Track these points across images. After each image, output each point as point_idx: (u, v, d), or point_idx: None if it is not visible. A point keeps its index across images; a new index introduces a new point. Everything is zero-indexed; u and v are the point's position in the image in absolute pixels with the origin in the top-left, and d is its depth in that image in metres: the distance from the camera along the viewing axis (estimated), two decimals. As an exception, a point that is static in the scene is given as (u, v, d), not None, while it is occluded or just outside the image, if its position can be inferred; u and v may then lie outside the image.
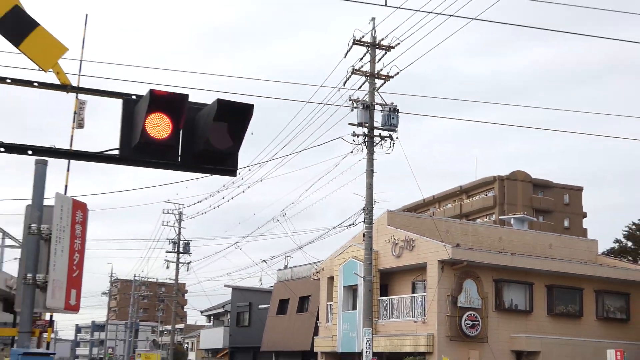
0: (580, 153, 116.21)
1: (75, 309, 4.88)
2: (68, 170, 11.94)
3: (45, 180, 4.87)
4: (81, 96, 9.35)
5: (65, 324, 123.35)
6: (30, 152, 4.25)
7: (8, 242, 25.82)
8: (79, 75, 10.41)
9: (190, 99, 4.29)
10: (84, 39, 11.61)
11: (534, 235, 32.36)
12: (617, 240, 44.58)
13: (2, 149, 4.08)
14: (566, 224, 60.36)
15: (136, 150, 4.24)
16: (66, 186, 11.51)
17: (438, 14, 14.94)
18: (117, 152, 4.36)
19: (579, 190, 64.53)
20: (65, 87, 4.34)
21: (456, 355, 23.37)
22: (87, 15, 11.08)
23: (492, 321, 24.95)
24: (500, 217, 51.13)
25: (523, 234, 31.80)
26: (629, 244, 43.28)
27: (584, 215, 64.48)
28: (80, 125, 11.36)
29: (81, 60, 10.47)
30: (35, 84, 4.31)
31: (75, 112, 11.25)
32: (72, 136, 11.28)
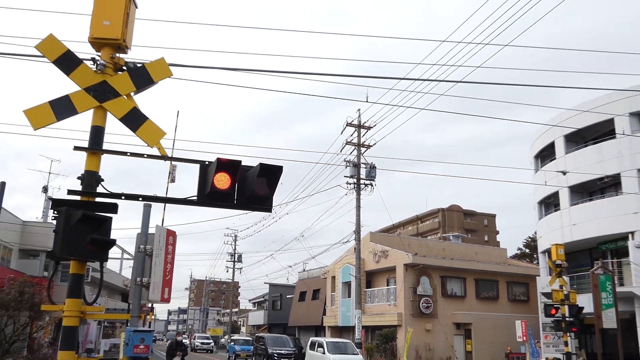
0: (493, 191, 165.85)
1: (167, 301, 6.49)
2: (164, 209, 15.99)
3: (149, 217, 6.47)
4: (173, 162, 11.97)
5: (160, 309, 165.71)
6: (140, 199, 5.80)
7: (126, 256, 40.40)
8: (172, 149, 15.34)
9: (243, 164, 5.79)
10: (176, 126, 16.53)
11: (465, 246, 42.86)
12: (519, 249, 61.37)
13: (123, 197, 5.54)
14: (486, 238, 78.06)
15: (208, 196, 5.69)
16: (163, 220, 15.07)
17: (400, 106, 23.23)
18: (195, 198, 5.79)
19: (493, 216, 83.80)
20: (164, 157, 5.94)
21: (417, 327, 30.76)
22: (178, 111, 15.75)
23: (440, 303, 33.26)
24: (443, 235, 65.53)
25: (458, 245, 42.41)
26: (527, 250, 58.47)
27: (497, 232, 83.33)
28: (172, 180, 14.82)
29: (174, 140, 15.08)
30: (145, 155, 5.96)
31: (169, 172, 14.88)
32: (167, 187, 14.71)
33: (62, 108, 5.58)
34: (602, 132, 29.85)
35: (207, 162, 5.80)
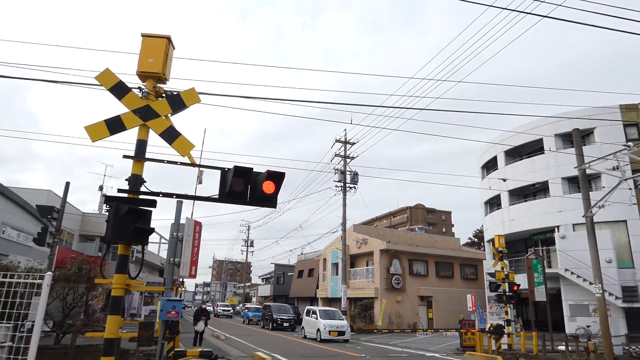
0: (450, 193, 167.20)
1: (194, 276, 6.50)
2: (193, 205, 16.64)
3: (181, 211, 6.57)
4: (201, 168, 12.16)
5: (189, 283, 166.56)
6: (174, 196, 5.89)
7: (163, 241, 39.53)
8: (200, 158, 15.11)
9: (254, 170, 5.87)
10: (203, 141, 16.49)
11: (427, 236, 42.34)
12: (469, 238, 61.66)
13: (161, 195, 5.60)
14: (444, 230, 77.22)
15: (227, 195, 5.76)
16: (192, 213, 16.12)
17: (377, 127, 24.81)
18: (217, 196, 5.85)
19: (449, 213, 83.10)
20: (193, 164, 6.04)
21: (389, 299, 31.60)
22: (205, 129, 16.46)
23: (407, 280, 33.28)
24: (410, 227, 64.93)
25: (422, 235, 42.05)
26: (476, 240, 58.84)
27: (453, 225, 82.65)
28: (200, 182, 15.19)
29: (202, 151, 15.19)
30: (179, 163, 6.03)
31: (197, 176, 15.16)
32: (195, 188, 15.11)
33: (115, 125, 5.61)
34: (533, 148, 30.02)
35: (226, 169, 5.85)
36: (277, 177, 5.80)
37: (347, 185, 29.42)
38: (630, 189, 20.29)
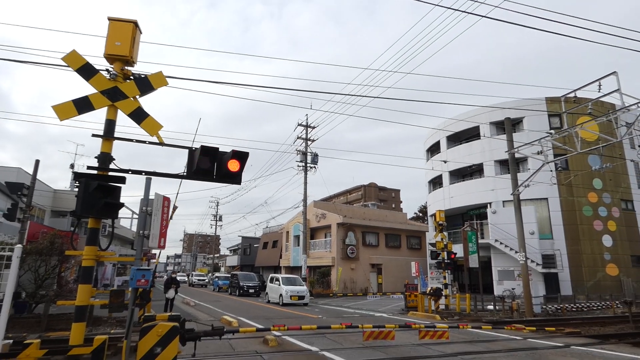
0: (399, 173, 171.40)
1: (163, 247, 6.23)
2: (179, 186, 15.44)
3: (150, 187, 6.17)
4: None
5: (161, 254, 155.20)
6: (143, 173, 5.53)
7: (135, 216, 37.92)
8: (193, 141, 14.43)
9: (220, 150, 5.68)
10: (197, 128, 15.46)
11: (379, 211, 42.71)
12: (415, 213, 62.08)
13: (130, 172, 5.35)
14: (393, 206, 78.52)
15: (194, 173, 5.59)
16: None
17: (335, 112, 23.24)
18: (185, 173, 5.70)
19: (398, 191, 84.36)
20: (162, 144, 5.77)
21: (345, 267, 32.23)
22: (200, 119, 14.45)
23: (360, 250, 33.64)
24: (364, 203, 65.52)
25: (374, 210, 42.30)
26: (420, 214, 59.27)
27: (401, 202, 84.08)
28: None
29: (194, 140, 15.00)
30: (147, 142, 5.69)
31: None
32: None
33: (83, 105, 5.34)
34: (471, 134, 31.02)
35: (194, 148, 5.71)
36: (241, 156, 5.69)
37: (308, 165, 29.34)
38: (551, 170, 21.47)
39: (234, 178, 5.76)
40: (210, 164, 5.56)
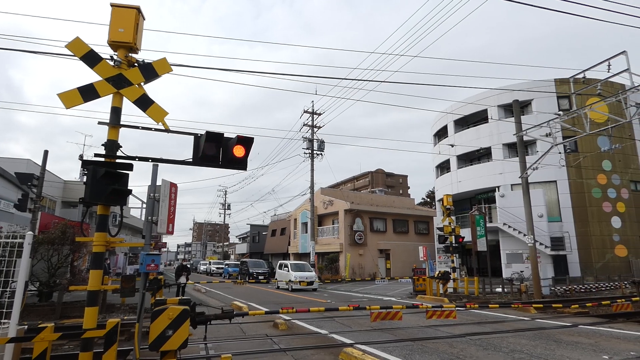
0: (406, 159, 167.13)
1: (171, 233, 6.25)
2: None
3: (157, 173, 6.23)
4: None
5: (172, 244, 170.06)
6: (150, 160, 5.54)
7: (144, 205, 38.71)
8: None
9: (225, 136, 5.62)
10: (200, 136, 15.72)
11: (387, 197, 42.45)
12: (423, 198, 61.57)
13: (137, 159, 5.29)
14: (400, 191, 77.96)
15: (200, 159, 5.53)
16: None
17: (343, 98, 24.22)
18: (191, 159, 5.65)
19: (405, 176, 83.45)
20: (167, 130, 5.65)
21: (353, 253, 32.32)
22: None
23: (368, 236, 33.69)
24: (371, 189, 65.21)
25: (381, 196, 42.01)
26: (428, 199, 59.09)
27: (408, 187, 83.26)
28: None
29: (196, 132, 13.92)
30: (153, 129, 5.65)
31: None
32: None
33: (88, 92, 5.33)
34: (479, 118, 30.68)
35: (199, 134, 5.65)
36: (246, 142, 5.64)
37: (315, 152, 29.31)
38: (560, 153, 21.22)
39: (240, 163, 5.72)
40: (216, 150, 5.53)
